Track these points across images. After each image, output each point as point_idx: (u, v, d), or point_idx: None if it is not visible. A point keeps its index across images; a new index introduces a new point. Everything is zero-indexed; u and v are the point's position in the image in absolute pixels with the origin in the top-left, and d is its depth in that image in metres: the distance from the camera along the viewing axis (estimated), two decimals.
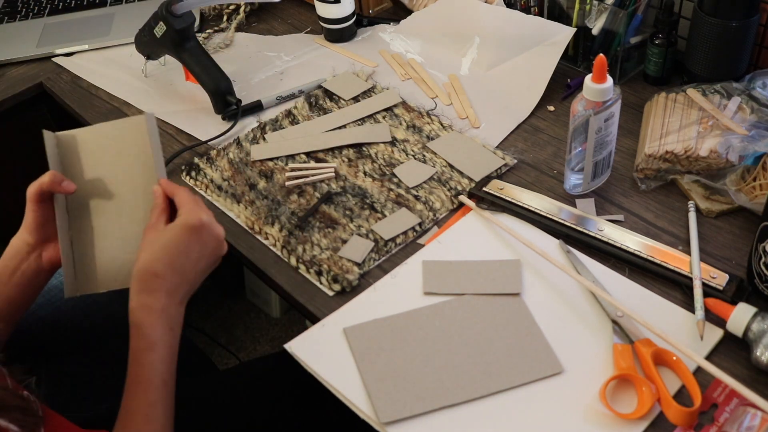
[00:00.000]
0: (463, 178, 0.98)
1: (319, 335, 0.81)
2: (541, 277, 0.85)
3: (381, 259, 0.89)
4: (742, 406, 0.71)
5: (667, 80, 1.11)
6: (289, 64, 1.24)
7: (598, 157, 0.90)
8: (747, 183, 0.88)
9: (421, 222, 0.92)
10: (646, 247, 0.85)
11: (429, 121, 1.08)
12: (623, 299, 0.81)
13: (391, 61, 1.22)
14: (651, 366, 0.73)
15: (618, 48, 1.09)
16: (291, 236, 0.92)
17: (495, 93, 1.13)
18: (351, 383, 0.76)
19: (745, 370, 0.74)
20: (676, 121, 0.96)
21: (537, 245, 0.86)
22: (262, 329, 1.77)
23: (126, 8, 1.42)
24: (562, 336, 0.79)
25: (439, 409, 0.73)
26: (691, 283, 0.80)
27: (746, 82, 0.98)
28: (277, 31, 1.34)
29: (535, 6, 1.17)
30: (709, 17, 0.99)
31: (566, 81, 1.13)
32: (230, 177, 1.02)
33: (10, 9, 1.46)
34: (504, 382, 0.75)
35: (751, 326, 0.73)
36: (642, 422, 0.70)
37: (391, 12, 1.35)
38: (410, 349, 0.79)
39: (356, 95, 1.14)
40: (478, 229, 0.92)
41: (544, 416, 0.72)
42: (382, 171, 1.01)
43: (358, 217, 0.94)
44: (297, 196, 0.98)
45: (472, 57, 1.19)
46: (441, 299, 0.84)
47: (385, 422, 0.72)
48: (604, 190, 0.95)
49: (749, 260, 0.80)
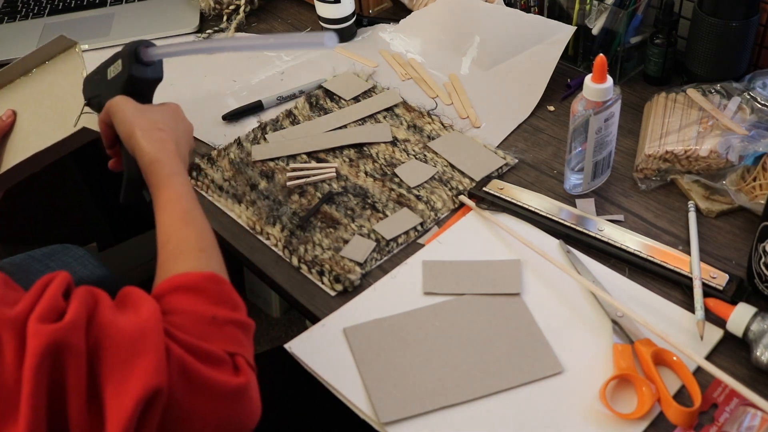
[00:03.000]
0: (464, 177, 0.98)
1: (319, 335, 0.81)
2: (541, 277, 0.85)
3: (382, 259, 0.89)
4: (742, 406, 0.71)
5: (667, 80, 1.11)
6: (289, 64, 1.24)
7: (598, 157, 0.90)
8: (747, 183, 0.88)
9: (422, 222, 0.92)
10: (646, 247, 0.85)
11: (430, 120, 1.08)
12: (623, 299, 0.81)
13: (392, 61, 1.22)
14: (651, 366, 0.73)
15: (618, 48, 1.09)
16: (292, 236, 0.92)
17: (495, 93, 1.13)
18: (351, 383, 0.76)
19: (745, 370, 0.74)
20: (676, 121, 0.96)
21: (537, 245, 0.86)
22: (262, 329, 1.77)
23: (126, 8, 1.42)
24: (562, 336, 0.79)
25: (439, 409, 0.73)
26: (691, 283, 0.81)
27: (746, 82, 0.98)
28: (277, 31, 1.34)
29: (535, 6, 1.17)
30: (709, 17, 0.99)
31: (566, 81, 1.13)
32: (231, 177, 1.02)
33: (10, 9, 1.46)
34: (504, 382, 0.75)
35: (751, 326, 0.73)
36: (642, 422, 0.71)
37: (391, 12, 1.35)
38: (410, 349, 0.79)
39: (357, 95, 1.14)
40: (478, 229, 0.92)
41: (544, 416, 0.72)
42: (383, 171, 1.01)
43: (360, 217, 0.94)
44: (298, 196, 0.98)
45: (473, 56, 1.19)
46: (441, 299, 0.84)
47: (385, 422, 0.72)
48: (604, 190, 0.95)
49: (749, 260, 0.80)
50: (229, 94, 1.19)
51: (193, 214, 0.74)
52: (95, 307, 0.58)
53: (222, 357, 0.61)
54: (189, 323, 0.62)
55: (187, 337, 0.60)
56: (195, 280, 0.66)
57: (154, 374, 0.55)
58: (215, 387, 0.59)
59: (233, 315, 0.65)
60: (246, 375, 0.62)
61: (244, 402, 0.62)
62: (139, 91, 0.88)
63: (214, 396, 0.59)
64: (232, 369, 0.62)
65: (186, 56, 1.29)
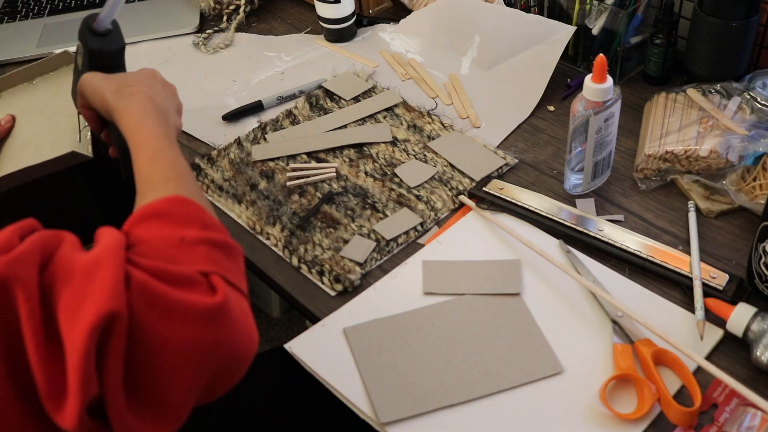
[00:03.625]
0: (464, 177, 0.98)
1: (319, 335, 0.81)
2: (541, 277, 0.85)
3: (383, 259, 0.89)
4: (742, 406, 0.71)
5: (667, 80, 1.11)
6: (289, 64, 1.24)
7: (598, 157, 0.91)
8: (747, 183, 0.88)
9: (422, 222, 0.92)
10: (646, 247, 0.85)
11: (430, 120, 1.08)
12: (623, 299, 0.81)
13: (392, 61, 1.22)
14: (651, 366, 0.73)
15: (618, 48, 1.09)
16: (292, 236, 0.92)
17: (495, 92, 1.13)
18: (351, 383, 0.76)
19: (745, 370, 0.74)
20: (676, 121, 0.96)
21: (537, 245, 0.86)
22: (262, 329, 1.77)
23: (126, 8, 1.42)
24: (562, 336, 0.79)
25: (439, 409, 0.73)
26: (691, 283, 0.81)
27: (746, 82, 0.98)
28: (277, 31, 1.34)
29: (535, 6, 1.17)
30: (709, 17, 0.99)
31: (566, 81, 1.13)
32: (231, 177, 1.02)
33: (10, 9, 1.46)
34: (504, 382, 0.75)
35: (751, 326, 0.73)
36: (642, 422, 0.71)
37: (391, 12, 1.35)
38: (410, 349, 0.79)
39: (357, 95, 1.14)
40: (478, 229, 0.92)
41: (544, 416, 0.72)
42: (383, 171, 1.01)
43: (360, 217, 0.94)
44: (298, 196, 0.98)
45: (473, 56, 1.19)
46: (441, 299, 0.84)
47: (385, 422, 0.72)
48: (604, 190, 0.95)
49: (749, 260, 0.80)
50: (229, 94, 1.19)
51: (163, 150, 0.72)
52: (57, 246, 0.56)
53: (193, 277, 0.57)
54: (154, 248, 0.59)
55: (152, 262, 0.57)
56: (159, 205, 0.63)
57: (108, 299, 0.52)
58: (185, 308, 0.55)
59: (204, 234, 0.61)
60: (223, 294, 0.57)
61: (225, 323, 0.57)
62: (106, 64, 0.86)
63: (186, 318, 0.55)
64: (207, 289, 0.58)
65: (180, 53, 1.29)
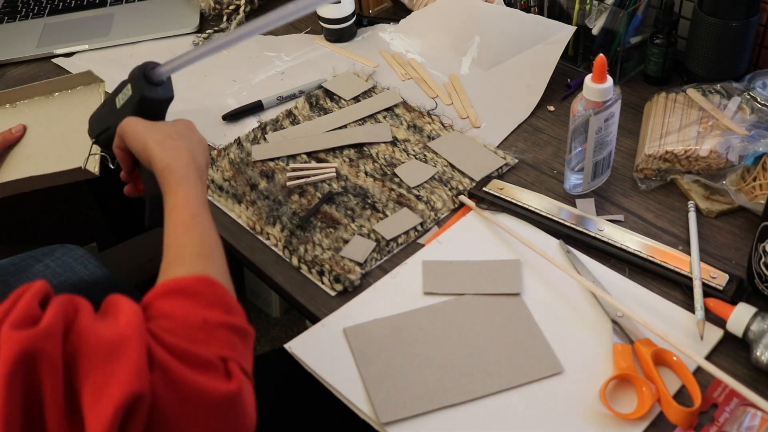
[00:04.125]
0: (464, 177, 0.98)
1: (319, 335, 0.81)
2: (541, 277, 0.85)
3: (383, 259, 0.89)
4: (742, 406, 0.71)
5: (667, 80, 1.11)
6: (289, 64, 1.24)
7: (598, 157, 0.90)
8: (747, 183, 0.88)
9: (422, 222, 0.92)
10: (646, 247, 0.85)
11: (430, 120, 1.08)
12: (623, 299, 0.81)
13: (392, 61, 1.22)
14: (651, 366, 0.73)
15: (618, 48, 1.09)
16: (292, 236, 0.92)
17: (495, 92, 1.13)
18: (351, 383, 0.76)
19: (745, 370, 0.74)
20: (676, 121, 0.96)
21: (537, 245, 0.86)
22: (262, 329, 1.77)
23: (126, 8, 1.42)
24: (562, 336, 0.79)
25: (439, 409, 0.73)
26: (691, 283, 0.81)
27: (746, 82, 0.98)
28: (277, 31, 1.34)
29: (535, 6, 1.17)
30: (709, 17, 0.99)
31: (566, 81, 1.13)
32: (231, 177, 1.02)
33: (10, 9, 1.46)
34: (504, 382, 0.75)
35: (751, 326, 0.73)
36: (642, 422, 0.71)
37: (391, 12, 1.35)
38: (410, 349, 0.79)
39: (357, 95, 1.14)
40: (478, 229, 0.92)
41: (544, 416, 0.72)
42: (384, 171, 1.01)
43: (360, 217, 0.94)
44: (298, 196, 0.98)
45: (473, 56, 1.19)
46: (441, 299, 0.84)
47: (385, 422, 0.72)
48: (604, 190, 0.95)
49: (749, 260, 0.80)
50: (229, 94, 1.19)
51: (199, 219, 0.72)
52: (75, 315, 0.56)
53: (212, 361, 0.58)
54: (177, 326, 0.59)
55: (175, 340, 0.58)
56: (186, 283, 0.63)
57: (135, 380, 0.52)
58: (204, 393, 0.56)
59: (227, 318, 0.62)
60: (238, 381, 0.58)
61: (236, 411, 0.58)
62: (152, 112, 0.86)
63: (202, 403, 0.56)
64: (224, 374, 0.59)
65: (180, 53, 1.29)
